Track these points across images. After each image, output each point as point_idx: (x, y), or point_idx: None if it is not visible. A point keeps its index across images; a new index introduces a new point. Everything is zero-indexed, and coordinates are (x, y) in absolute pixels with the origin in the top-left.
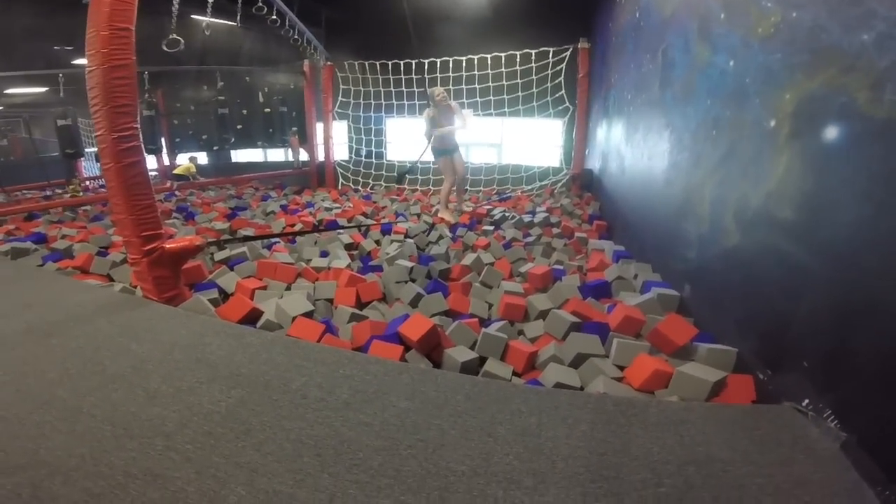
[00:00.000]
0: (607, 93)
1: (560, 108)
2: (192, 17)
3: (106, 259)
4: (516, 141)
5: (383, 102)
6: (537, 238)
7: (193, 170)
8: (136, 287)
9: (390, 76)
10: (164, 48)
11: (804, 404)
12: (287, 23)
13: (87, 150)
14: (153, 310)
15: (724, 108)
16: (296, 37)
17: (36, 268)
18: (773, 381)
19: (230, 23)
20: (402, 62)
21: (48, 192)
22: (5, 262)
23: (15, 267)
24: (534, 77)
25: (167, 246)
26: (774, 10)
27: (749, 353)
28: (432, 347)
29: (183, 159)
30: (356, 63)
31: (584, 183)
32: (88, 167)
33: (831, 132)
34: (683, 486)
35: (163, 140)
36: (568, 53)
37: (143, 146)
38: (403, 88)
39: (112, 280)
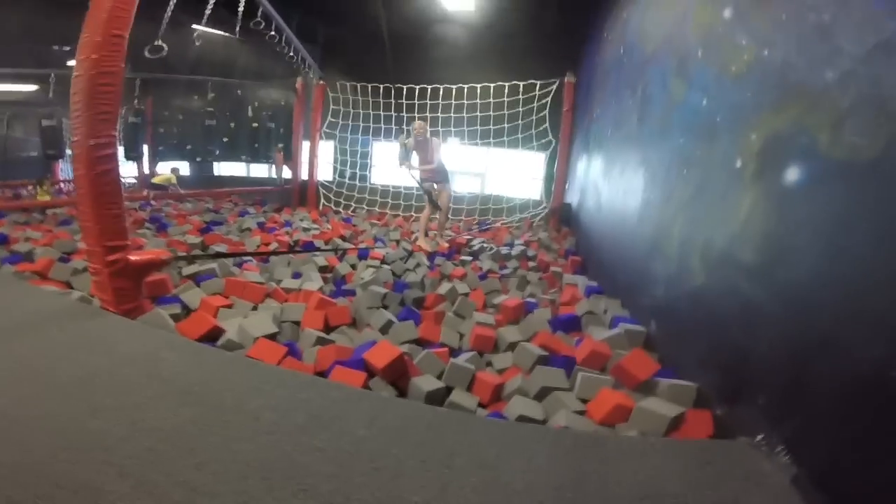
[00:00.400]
0: (589, 127)
1: (543, 140)
2: (193, 26)
3: (67, 265)
4: (500, 172)
5: (371, 125)
6: (513, 270)
7: (173, 180)
8: (94, 297)
9: (381, 99)
10: (147, 54)
11: (758, 439)
12: (284, 39)
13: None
14: (109, 321)
15: (696, 146)
16: (291, 53)
17: None
18: (730, 417)
19: (227, 34)
20: (393, 86)
21: (20, 192)
22: None
23: None
24: (520, 109)
25: (132, 258)
26: (748, 46)
27: (709, 388)
28: (398, 376)
29: (164, 169)
30: (348, 84)
31: (562, 217)
32: (66, 169)
33: (792, 173)
34: None
35: (145, 147)
36: (555, 87)
37: (118, 155)
38: (392, 113)
39: (71, 287)
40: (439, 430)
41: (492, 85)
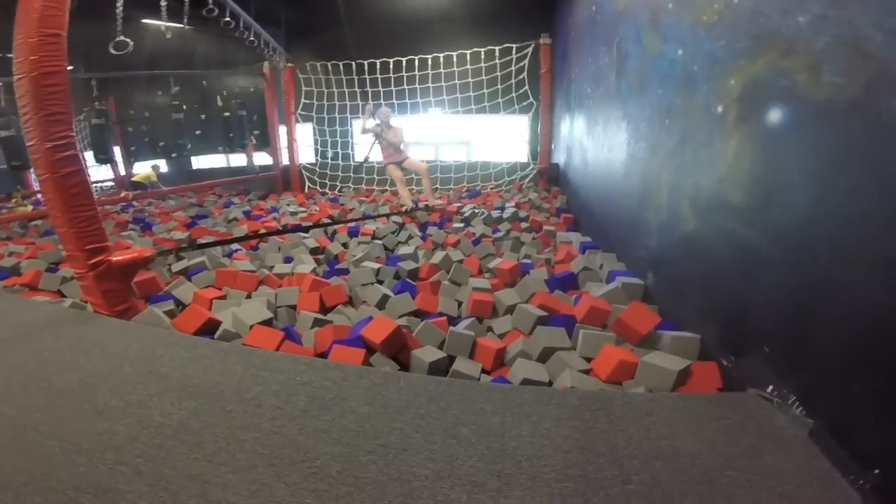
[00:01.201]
0: (568, 87)
1: (525, 103)
2: (143, 21)
3: (56, 275)
4: (484, 138)
5: (348, 103)
6: (506, 233)
7: (153, 177)
8: (86, 302)
9: (354, 76)
10: (112, 50)
11: (769, 391)
12: (242, 24)
13: None
14: (103, 324)
15: (675, 96)
16: (252, 38)
17: None
18: (736, 368)
19: (178, 25)
20: (366, 62)
21: None
22: None
23: None
24: (498, 74)
25: (114, 258)
26: None
27: (712, 339)
28: (398, 349)
29: (144, 168)
30: (318, 64)
31: (550, 177)
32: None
33: (775, 115)
34: (651, 482)
35: (116, 149)
36: (530, 49)
37: (82, 156)
38: (368, 88)
39: (63, 296)
40: (442, 401)
41: (468, 52)
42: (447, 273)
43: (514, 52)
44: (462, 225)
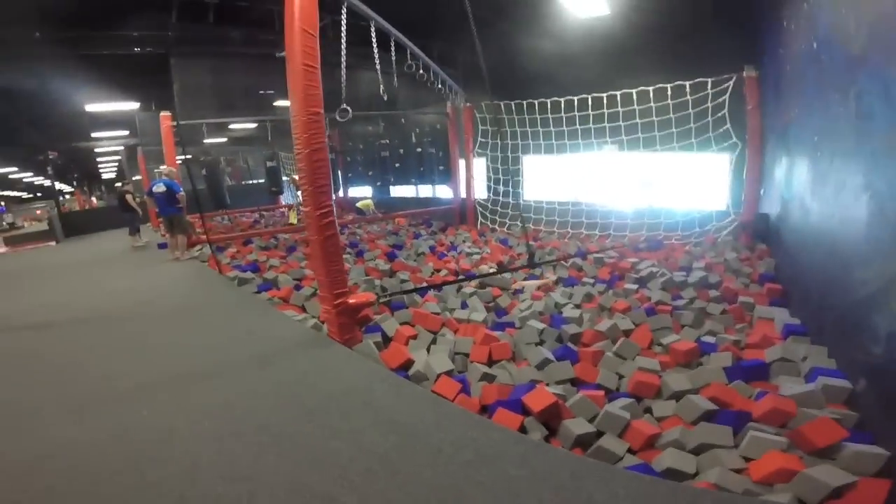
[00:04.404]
0: (786, 129)
1: (725, 144)
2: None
3: (300, 293)
4: (671, 180)
5: (520, 142)
6: (689, 301)
7: (371, 206)
8: (322, 322)
9: (525, 116)
10: (337, 118)
11: None
12: (431, 73)
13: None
14: (335, 351)
15: None
16: (439, 86)
17: (252, 294)
18: None
19: (388, 74)
20: (536, 101)
21: (258, 217)
22: (233, 287)
23: (239, 293)
24: (690, 111)
25: (350, 301)
26: None
27: None
28: (551, 418)
29: (362, 194)
30: (493, 103)
31: (757, 232)
32: (284, 198)
33: None
34: None
35: (339, 175)
36: (731, 83)
37: (336, 220)
38: (539, 129)
39: (305, 311)
40: (581, 479)
41: (651, 88)
42: (612, 343)
43: (709, 86)
44: (636, 287)
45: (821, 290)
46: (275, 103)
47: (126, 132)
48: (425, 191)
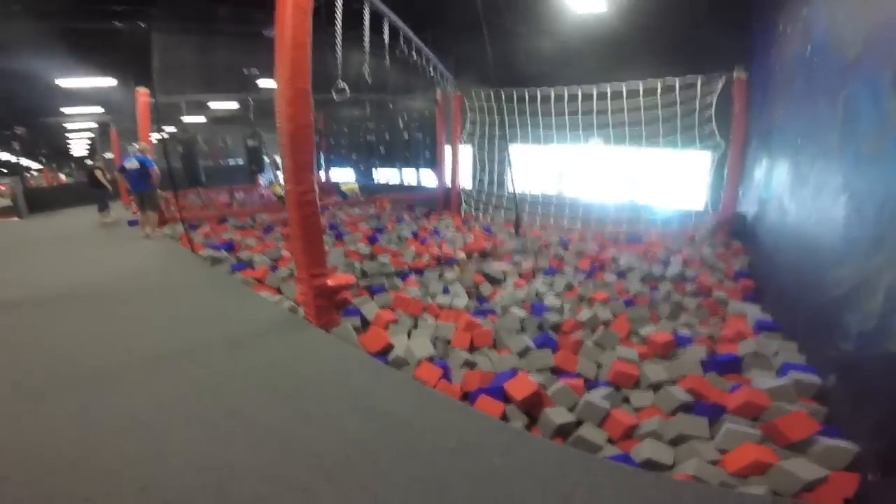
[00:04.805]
0: (769, 131)
1: (710, 143)
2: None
3: (277, 274)
4: (655, 176)
5: (507, 131)
6: (666, 295)
7: (356, 190)
8: (299, 304)
9: (514, 104)
10: (333, 96)
11: None
12: (424, 58)
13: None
14: (312, 334)
15: None
16: (431, 72)
17: (227, 275)
18: (880, 484)
19: (380, 57)
20: (526, 90)
21: (236, 196)
22: (206, 267)
23: (212, 273)
24: (678, 109)
25: (329, 283)
26: None
27: (871, 453)
28: (532, 406)
29: (344, 177)
30: (482, 91)
31: (733, 230)
32: (264, 178)
33: None
34: None
35: (322, 158)
36: (720, 83)
37: (318, 200)
38: (528, 117)
39: (281, 292)
40: (563, 468)
41: (640, 83)
42: (592, 333)
43: (699, 84)
44: (615, 278)
45: (794, 287)
46: (259, 82)
47: (100, 109)
48: (410, 178)
